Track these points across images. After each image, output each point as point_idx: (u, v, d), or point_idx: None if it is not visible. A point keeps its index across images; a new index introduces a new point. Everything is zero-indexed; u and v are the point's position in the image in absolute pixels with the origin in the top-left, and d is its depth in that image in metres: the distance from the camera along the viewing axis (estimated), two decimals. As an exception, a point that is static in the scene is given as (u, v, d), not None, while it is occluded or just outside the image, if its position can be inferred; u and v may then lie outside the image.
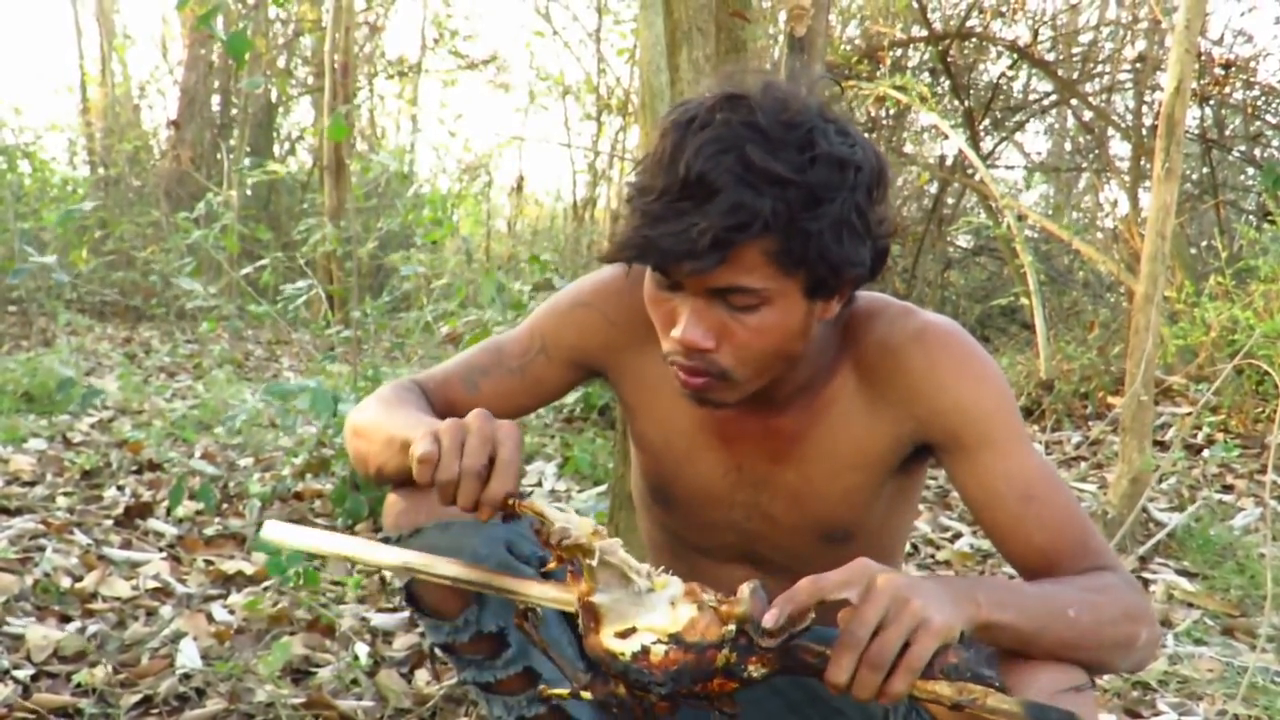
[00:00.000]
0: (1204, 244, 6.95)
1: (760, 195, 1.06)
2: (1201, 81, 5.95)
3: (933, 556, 3.14)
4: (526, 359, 1.42)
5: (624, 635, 1.04)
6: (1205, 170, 6.75)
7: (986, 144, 7.49)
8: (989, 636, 1.04)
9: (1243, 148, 6.98)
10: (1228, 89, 6.35)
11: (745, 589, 1.02)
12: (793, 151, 1.08)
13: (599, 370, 1.44)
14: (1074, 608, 1.09)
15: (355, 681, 2.01)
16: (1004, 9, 6.96)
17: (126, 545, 2.68)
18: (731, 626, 1.01)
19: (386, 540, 1.35)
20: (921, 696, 0.96)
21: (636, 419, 1.43)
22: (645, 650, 1.03)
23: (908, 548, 3.09)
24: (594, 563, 1.05)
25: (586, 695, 1.10)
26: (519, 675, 1.41)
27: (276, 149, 10.12)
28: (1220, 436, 4.54)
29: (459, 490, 1.08)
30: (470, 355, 1.44)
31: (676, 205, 1.08)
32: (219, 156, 8.25)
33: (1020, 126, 7.94)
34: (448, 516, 1.31)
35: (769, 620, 0.99)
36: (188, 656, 2.03)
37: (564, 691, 1.13)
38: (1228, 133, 6.93)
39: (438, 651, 1.47)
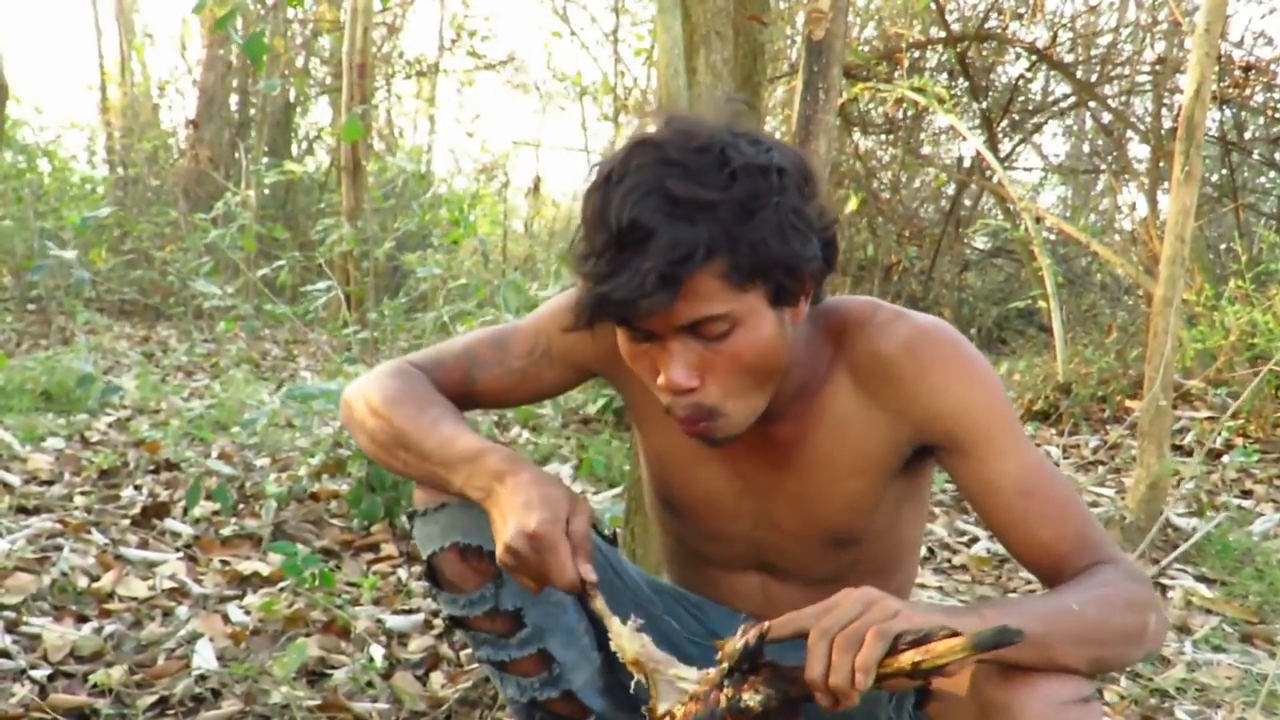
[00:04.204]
0: (1223, 247, 6.90)
1: (694, 224, 1.09)
2: (1221, 84, 5.91)
3: (949, 561, 3.12)
4: (530, 360, 1.44)
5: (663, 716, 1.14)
6: (1224, 173, 6.70)
7: (1004, 146, 7.46)
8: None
9: (1262, 150, 6.94)
10: (1248, 91, 6.31)
11: (739, 632, 1.08)
12: (712, 173, 1.11)
13: (599, 374, 1.46)
14: (1078, 603, 1.11)
15: (370, 684, 2.02)
16: (1022, 11, 6.93)
17: (143, 545, 2.69)
18: (725, 665, 1.07)
19: (413, 515, 1.41)
20: (889, 674, 0.99)
21: (642, 429, 1.45)
22: (671, 714, 1.12)
23: (924, 552, 3.08)
24: (645, 678, 1.16)
25: None
26: (533, 657, 1.43)
27: (294, 149, 10.14)
28: (1239, 441, 4.51)
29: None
30: (473, 345, 1.45)
31: (619, 257, 1.10)
32: (237, 156, 8.28)
33: (1038, 128, 7.89)
34: None
35: (739, 637, 1.06)
36: (204, 657, 2.04)
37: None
38: (1247, 135, 6.88)
39: (453, 627, 1.49)
